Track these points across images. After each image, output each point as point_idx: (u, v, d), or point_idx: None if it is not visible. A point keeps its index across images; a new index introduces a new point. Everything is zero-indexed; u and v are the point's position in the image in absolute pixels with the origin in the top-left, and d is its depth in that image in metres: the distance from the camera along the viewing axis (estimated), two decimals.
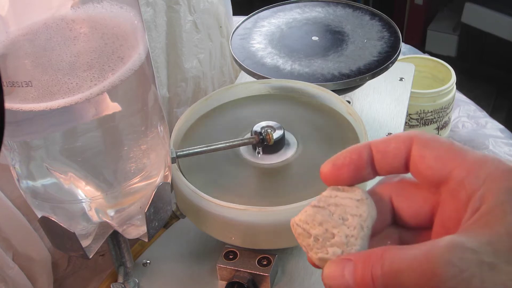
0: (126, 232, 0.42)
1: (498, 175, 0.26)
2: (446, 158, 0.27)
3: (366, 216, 0.29)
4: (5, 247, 0.51)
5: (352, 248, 0.28)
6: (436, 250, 0.24)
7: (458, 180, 0.27)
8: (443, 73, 0.89)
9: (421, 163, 0.28)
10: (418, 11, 2.05)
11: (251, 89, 0.61)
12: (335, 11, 0.74)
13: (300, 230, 0.30)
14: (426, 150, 0.28)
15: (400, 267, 0.25)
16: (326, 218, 0.29)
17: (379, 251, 0.26)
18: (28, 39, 0.33)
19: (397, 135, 0.29)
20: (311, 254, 0.29)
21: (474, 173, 0.27)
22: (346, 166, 0.29)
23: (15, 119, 0.34)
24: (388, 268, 0.26)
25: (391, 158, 0.29)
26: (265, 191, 0.50)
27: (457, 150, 0.28)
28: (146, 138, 0.40)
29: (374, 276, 0.26)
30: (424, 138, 0.28)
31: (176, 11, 0.68)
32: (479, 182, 0.26)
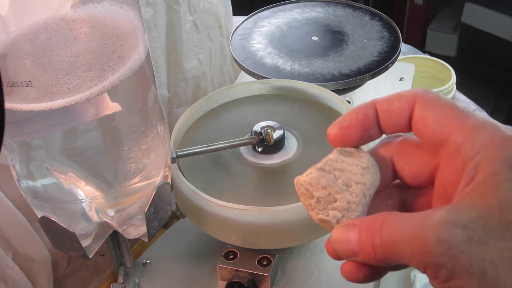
0: (126, 232, 0.42)
1: (494, 143, 0.26)
2: (446, 120, 0.28)
3: (369, 184, 0.29)
4: (5, 247, 0.51)
5: (352, 214, 0.29)
6: (428, 226, 0.25)
7: (455, 145, 0.27)
8: (443, 73, 0.88)
9: (422, 124, 0.28)
10: (418, 11, 2.05)
11: (251, 89, 0.61)
12: (335, 11, 0.74)
13: (303, 190, 0.30)
14: (427, 111, 0.28)
15: (396, 239, 0.26)
16: (330, 183, 0.29)
17: (380, 219, 0.27)
18: (28, 39, 0.33)
19: (400, 93, 0.29)
20: (312, 214, 0.30)
21: (471, 139, 0.27)
22: (354, 127, 0.30)
23: (15, 119, 0.34)
24: (385, 239, 0.26)
25: (394, 117, 0.29)
26: (265, 191, 0.50)
27: (458, 112, 0.28)
28: (146, 138, 0.40)
29: (374, 245, 0.27)
30: (427, 98, 0.28)
31: (176, 11, 0.68)
32: (475, 150, 0.26)
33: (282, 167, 0.52)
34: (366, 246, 0.27)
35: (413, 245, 0.25)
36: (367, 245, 0.27)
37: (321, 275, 0.50)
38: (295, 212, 0.46)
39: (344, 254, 0.28)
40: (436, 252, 0.24)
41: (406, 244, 0.26)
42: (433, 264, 0.25)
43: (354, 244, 0.28)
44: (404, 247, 0.26)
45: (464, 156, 0.27)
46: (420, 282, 0.55)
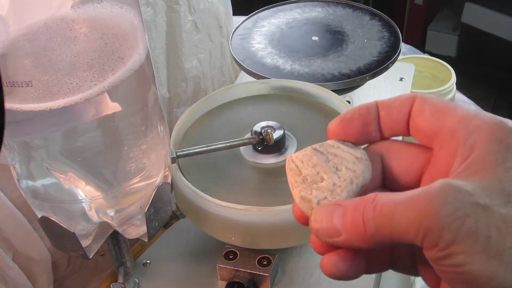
0: (126, 232, 0.42)
1: (488, 126, 0.26)
2: (441, 112, 0.28)
3: (359, 173, 0.29)
4: (5, 247, 0.51)
5: (335, 197, 0.29)
6: (432, 189, 0.25)
7: (448, 131, 0.28)
8: (443, 73, 0.89)
9: (419, 117, 0.29)
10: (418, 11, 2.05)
11: (251, 89, 0.61)
12: (335, 11, 0.74)
13: (293, 166, 0.30)
14: (425, 104, 0.29)
15: (394, 208, 0.25)
16: (320, 163, 0.29)
17: (371, 195, 0.27)
18: (28, 39, 0.33)
19: (401, 95, 0.30)
20: (295, 192, 0.30)
21: (464, 123, 0.27)
22: (355, 120, 0.30)
23: (15, 119, 0.34)
24: (380, 209, 0.26)
25: (395, 113, 0.30)
26: (265, 191, 0.50)
27: (453, 105, 0.28)
28: (146, 138, 0.40)
29: (366, 218, 0.26)
30: (426, 96, 0.29)
31: (176, 11, 0.68)
32: (468, 131, 0.27)
33: (282, 167, 0.52)
34: (355, 222, 0.26)
35: (414, 210, 0.25)
36: (356, 220, 0.26)
37: (321, 275, 0.50)
38: None
39: (324, 233, 0.27)
40: (442, 213, 0.24)
41: (405, 210, 0.25)
42: (436, 228, 0.24)
43: (337, 221, 0.27)
44: (403, 213, 0.25)
45: (457, 139, 0.27)
46: (420, 282, 0.56)
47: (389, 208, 0.25)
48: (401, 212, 0.25)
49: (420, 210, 0.24)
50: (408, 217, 0.25)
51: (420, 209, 0.24)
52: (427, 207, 0.24)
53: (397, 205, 0.25)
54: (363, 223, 0.26)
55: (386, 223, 0.25)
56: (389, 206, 0.25)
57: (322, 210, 0.28)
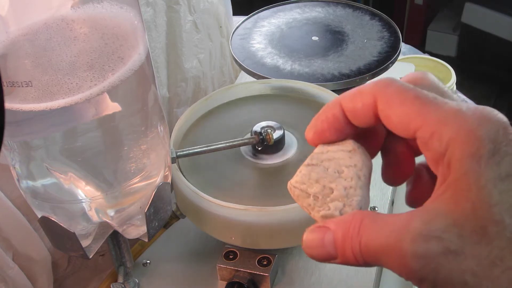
0: (126, 232, 0.42)
1: (460, 138, 0.25)
2: (409, 117, 0.26)
3: (361, 165, 0.29)
4: (5, 247, 0.51)
5: (353, 199, 0.28)
6: (404, 240, 0.25)
7: (423, 141, 0.26)
8: (443, 73, 0.88)
9: (388, 122, 0.27)
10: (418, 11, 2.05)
11: (251, 89, 0.61)
12: (335, 11, 0.74)
13: (298, 192, 0.29)
14: (388, 109, 0.27)
15: (376, 249, 0.26)
16: (321, 175, 0.29)
17: (356, 223, 0.26)
18: (28, 39, 0.33)
19: (361, 89, 0.28)
20: (314, 214, 0.29)
21: (437, 135, 0.25)
22: (327, 130, 0.30)
23: (15, 119, 0.34)
24: (364, 247, 0.26)
25: (361, 116, 0.28)
26: (265, 191, 0.50)
27: (419, 104, 0.26)
28: (146, 138, 0.40)
29: (354, 251, 0.26)
30: (387, 95, 0.27)
31: (176, 11, 0.68)
32: (442, 145, 0.25)
33: (282, 167, 0.52)
34: (346, 252, 0.27)
35: (393, 257, 0.25)
36: (347, 250, 0.27)
37: (321, 275, 0.50)
38: (295, 212, 0.46)
39: (320, 258, 0.28)
40: (415, 267, 0.24)
41: (386, 255, 0.25)
42: (415, 278, 0.25)
43: (330, 248, 0.27)
44: (385, 258, 0.26)
45: (434, 152, 0.26)
46: None
47: (372, 248, 0.26)
48: (383, 256, 0.26)
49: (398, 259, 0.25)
50: (390, 262, 0.25)
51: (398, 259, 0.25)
52: (403, 259, 0.25)
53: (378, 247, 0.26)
54: (353, 255, 0.27)
55: (373, 260, 0.26)
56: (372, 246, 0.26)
57: (311, 235, 0.28)
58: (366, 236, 0.26)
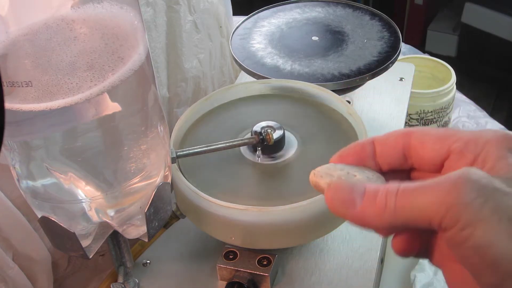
0: (126, 232, 0.42)
1: (496, 139, 0.27)
2: (444, 138, 0.29)
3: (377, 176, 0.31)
4: (5, 247, 0.51)
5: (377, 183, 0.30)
6: (455, 174, 0.25)
7: (457, 152, 0.28)
8: (443, 73, 0.89)
9: (422, 148, 0.30)
10: (418, 11, 2.05)
11: (251, 89, 0.61)
12: (335, 11, 0.74)
13: (323, 173, 0.30)
14: (425, 136, 0.30)
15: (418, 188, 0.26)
16: (345, 167, 0.31)
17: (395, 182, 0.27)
18: (28, 39, 0.33)
19: (396, 130, 0.31)
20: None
21: (473, 141, 0.28)
22: (350, 156, 0.31)
23: (15, 119, 0.34)
24: (404, 189, 0.26)
25: (390, 149, 0.30)
26: (265, 191, 0.50)
27: (453, 131, 0.29)
28: (146, 138, 0.40)
29: (389, 195, 0.26)
30: (421, 129, 0.30)
31: (176, 11, 0.68)
32: (479, 148, 0.27)
33: (282, 167, 0.52)
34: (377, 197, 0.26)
35: (438, 188, 0.25)
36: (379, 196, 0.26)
37: (321, 275, 0.50)
38: (295, 212, 0.46)
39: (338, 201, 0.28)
40: (465, 191, 0.24)
41: (430, 190, 0.25)
42: (459, 204, 0.24)
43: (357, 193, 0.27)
44: (426, 193, 0.25)
45: (468, 157, 0.27)
46: (420, 282, 0.56)
47: (412, 188, 0.26)
48: (424, 192, 0.25)
49: (444, 189, 0.25)
50: (431, 195, 0.25)
51: (444, 188, 0.25)
52: (451, 187, 0.25)
53: (421, 186, 0.26)
54: (384, 199, 0.26)
55: (408, 201, 0.26)
56: (412, 187, 0.26)
57: (343, 181, 0.29)
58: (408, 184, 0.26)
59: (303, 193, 0.48)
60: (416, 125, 0.86)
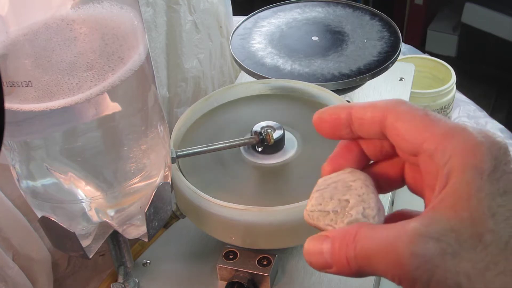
0: (126, 232, 0.42)
1: (464, 150, 0.26)
2: (417, 130, 0.28)
3: (364, 177, 0.30)
4: (5, 247, 0.51)
5: (369, 201, 0.30)
6: (402, 240, 0.25)
7: (427, 154, 0.27)
8: (443, 73, 0.88)
9: (395, 135, 0.29)
10: (418, 11, 2.05)
11: (251, 89, 0.61)
12: (335, 11, 0.74)
13: (317, 213, 0.30)
14: (398, 122, 0.28)
15: (370, 252, 0.26)
16: (333, 192, 0.30)
17: (353, 231, 0.27)
18: (28, 39, 0.33)
19: (374, 103, 0.30)
20: (339, 226, 0.30)
21: (441, 147, 0.27)
22: (327, 122, 0.32)
23: (15, 119, 0.34)
24: (359, 251, 0.27)
25: (367, 125, 0.30)
26: (265, 191, 0.50)
27: (428, 121, 0.28)
28: (146, 138, 0.40)
29: (348, 257, 0.27)
30: (398, 110, 0.29)
31: (176, 11, 0.68)
32: (445, 157, 0.26)
33: (282, 167, 0.52)
34: (340, 258, 0.27)
35: (388, 258, 0.26)
36: (341, 257, 0.27)
37: (321, 275, 0.50)
38: (295, 212, 0.46)
39: (317, 265, 0.29)
40: (411, 266, 0.25)
41: (380, 257, 0.26)
42: (408, 278, 0.25)
43: (328, 256, 0.28)
44: (379, 260, 0.26)
45: (436, 164, 0.27)
46: None
47: (366, 252, 0.27)
48: (377, 260, 0.26)
49: (392, 260, 0.25)
50: (384, 264, 0.26)
51: (392, 259, 0.25)
52: (399, 259, 0.25)
53: (373, 250, 0.26)
54: (347, 262, 0.27)
55: (366, 264, 0.27)
56: (366, 250, 0.27)
57: (311, 244, 0.29)
58: (362, 242, 0.27)
59: (303, 193, 0.48)
60: None
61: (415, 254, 0.25)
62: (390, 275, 0.26)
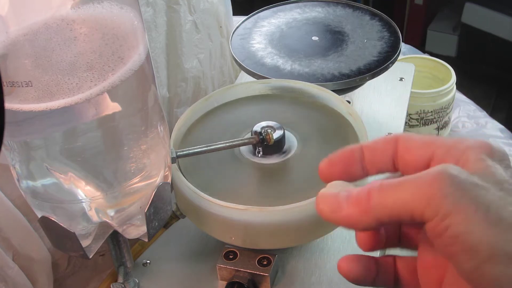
0: (126, 232, 0.42)
1: (476, 145, 0.29)
2: (429, 143, 0.30)
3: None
4: (5, 247, 0.51)
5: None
6: (436, 169, 0.27)
7: (440, 157, 0.29)
8: (443, 73, 0.89)
9: (408, 153, 0.31)
10: (418, 11, 2.05)
11: (251, 89, 0.61)
12: (335, 11, 0.74)
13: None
14: (411, 141, 0.31)
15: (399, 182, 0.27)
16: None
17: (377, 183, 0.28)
18: (28, 39, 0.33)
19: (384, 136, 0.32)
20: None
21: (454, 147, 0.29)
22: (339, 162, 0.33)
23: (15, 119, 0.34)
24: (386, 184, 0.28)
25: (379, 154, 0.32)
26: (265, 191, 0.50)
27: (437, 137, 0.31)
28: (146, 138, 0.40)
29: (371, 191, 0.28)
30: (408, 135, 0.32)
31: (176, 11, 0.68)
32: (459, 152, 0.29)
33: (282, 167, 0.52)
34: (360, 195, 0.28)
35: (419, 182, 0.26)
36: (361, 194, 0.28)
37: (321, 275, 0.50)
38: (295, 212, 0.46)
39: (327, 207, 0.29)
40: (446, 184, 0.26)
41: (411, 183, 0.27)
42: (439, 195, 0.26)
43: (342, 197, 0.29)
44: (408, 186, 0.27)
45: (450, 161, 0.29)
46: None
47: (394, 183, 0.27)
48: (405, 186, 0.27)
49: (425, 182, 0.26)
50: (413, 189, 0.27)
51: (425, 182, 0.26)
52: (431, 180, 0.26)
53: (402, 180, 0.27)
54: (367, 195, 0.28)
55: (390, 195, 0.27)
56: (394, 182, 0.27)
57: (330, 188, 0.31)
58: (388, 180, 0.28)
59: (303, 193, 0.48)
60: (416, 125, 0.86)
61: (451, 177, 0.26)
62: (417, 198, 0.26)
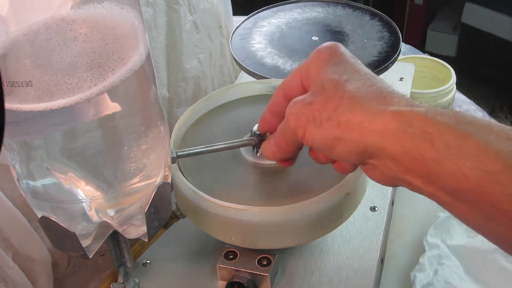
0: (126, 232, 0.42)
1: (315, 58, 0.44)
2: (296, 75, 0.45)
3: None
4: (5, 247, 0.51)
5: None
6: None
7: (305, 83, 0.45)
8: (443, 73, 0.88)
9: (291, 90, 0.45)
10: (418, 11, 2.05)
11: (251, 89, 0.61)
12: (335, 11, 0.74)
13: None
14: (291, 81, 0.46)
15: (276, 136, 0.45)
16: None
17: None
18: (28, 39, 0.33)
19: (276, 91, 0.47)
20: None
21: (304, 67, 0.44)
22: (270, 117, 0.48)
23: (15, 119, 0.34)
24: (274, 139, 0.45)
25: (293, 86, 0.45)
26: (265, 191, 0.50)
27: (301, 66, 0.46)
28: (146, 138, 0.40)
29: (276, 144, 0.45)
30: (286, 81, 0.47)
31: (176, 11, 0.68)
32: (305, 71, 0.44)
33: (282, 167, 0.52)
34: (277, 148, 0.45)
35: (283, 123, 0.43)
36: (276, 148, 0.45)
37: (321, 275, 0.50)
38: (295, 212, 0.46)
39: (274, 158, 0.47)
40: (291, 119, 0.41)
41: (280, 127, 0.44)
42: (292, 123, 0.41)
43: (274, 147, 0.45)
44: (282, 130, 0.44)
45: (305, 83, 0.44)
46: (420, 282, 0.56)
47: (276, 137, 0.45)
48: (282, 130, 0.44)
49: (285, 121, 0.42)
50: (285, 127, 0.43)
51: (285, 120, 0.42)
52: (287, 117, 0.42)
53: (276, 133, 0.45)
54: (279, 147, 0.45)
55: (282, 140, 0.44)
56: (275, 136, 0.45)
57: (266, 144, 0.47)
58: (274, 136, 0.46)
59: (303, 193, 0.48)
60: None
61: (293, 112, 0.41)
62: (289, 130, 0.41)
